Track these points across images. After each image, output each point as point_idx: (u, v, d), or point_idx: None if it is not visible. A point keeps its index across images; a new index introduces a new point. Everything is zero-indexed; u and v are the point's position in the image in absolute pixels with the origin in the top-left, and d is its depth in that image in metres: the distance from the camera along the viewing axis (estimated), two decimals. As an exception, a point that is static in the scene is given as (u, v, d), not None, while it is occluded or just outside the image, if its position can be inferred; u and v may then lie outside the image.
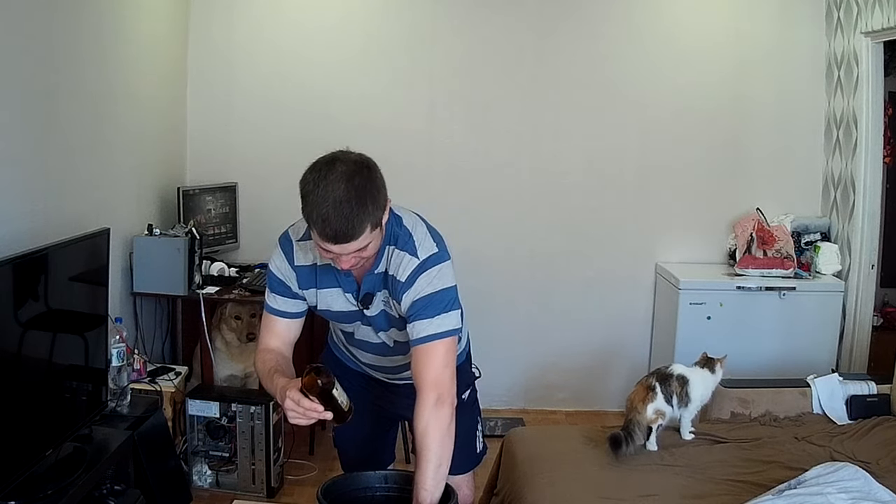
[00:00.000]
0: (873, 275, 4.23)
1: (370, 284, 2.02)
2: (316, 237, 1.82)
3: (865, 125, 4.12)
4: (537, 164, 4.59)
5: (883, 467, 2.77)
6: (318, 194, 1.79)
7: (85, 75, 3.26)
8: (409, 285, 1.96)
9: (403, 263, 1.97)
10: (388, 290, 2.01)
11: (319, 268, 2.02)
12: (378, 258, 1.98)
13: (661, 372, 3.00)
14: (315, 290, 2.05)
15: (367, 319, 2.08)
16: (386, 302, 2.03)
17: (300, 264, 2.03)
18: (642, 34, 4.51)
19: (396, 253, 1.99)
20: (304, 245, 2.02)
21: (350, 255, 1.84)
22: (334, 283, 2.03)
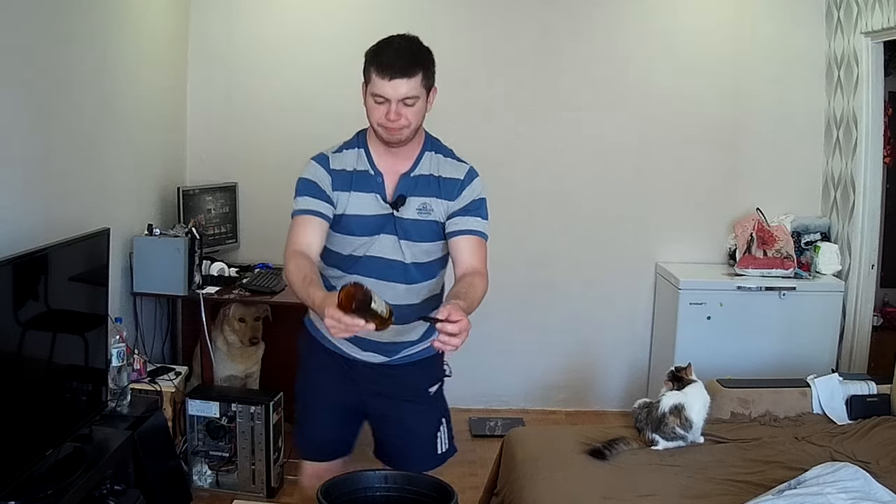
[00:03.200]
0: (873, 275, 4.23)
1: (406, 187, 2.15)
2: (374, 76, 2.01)
3: (865, 125, 4.12)
4: (537, 163, 4.59)
5: (883, 467, 2.77)
6: (383, 40, 2.08)
7: (85, 75, 3.26)
8: (469, 182, 2.20)
9: (454, 166, 2.21)
10: (435, 192, 2.15)
11: (356, 173, 2.14)
12: (417, 160, 2.16)
13: (653, 416, 2.98)
14: (348, 194, 2.13)
15: (395, 224, 2.14)
16: (422, 208, 2.15)
17: (336, 168, 2.15)
18: (642, 34, 4.51)
19: (442, 159, 2.21)
20: (338, 156, 2.17)
21: (399, 104, 2.00)
22: (368, 187, 2.14)
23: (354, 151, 2.17)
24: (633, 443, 2.97)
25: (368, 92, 2.05)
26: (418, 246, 2.17)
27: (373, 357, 2.27)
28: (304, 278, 1.98)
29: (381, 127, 2.06)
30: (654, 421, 2.96)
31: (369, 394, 2.31)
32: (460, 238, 2.17)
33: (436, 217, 2.17)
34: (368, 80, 2.05)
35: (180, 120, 4.45)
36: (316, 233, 2.11)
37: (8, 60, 2.68)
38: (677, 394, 3.00)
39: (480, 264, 2.20)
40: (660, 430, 2.95)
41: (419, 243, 2.17)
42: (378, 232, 2.14)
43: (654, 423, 2.96)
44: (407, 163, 2.17)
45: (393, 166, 2.16)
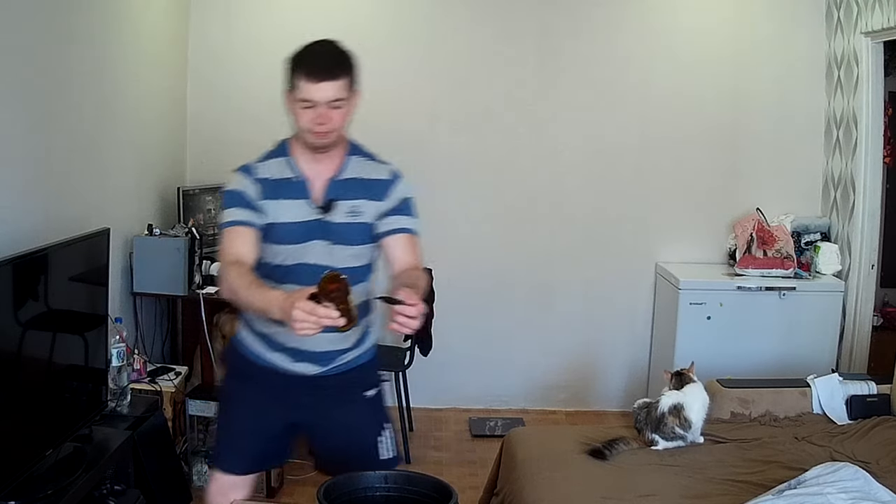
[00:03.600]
0: (873, 275, 4.23)
1: (335, 191, 2.14)
2: (301, 82, 2.02)
3: (865, 125, 4.12)
4: (537, 163, 4.59)
5: (883, 467, 2.77)
6: (307, 44, 2.11)
7: (85, 76, 3.26)
8: (396, 182, 2.19)
9: (378, 168, 2.20)
10: (364, 194, 2.15)
11: (283, 181, 2.13)
12: (343, 164, 2.17)
13: (652, 416, 2.98)
14: (276, 202, 2.11)
15: (325, 228, 2.12)
16: (352, 211, 2.14)
17: (262, 177, 2.13)
18: (642, 34, 4.51)
19: (365, 161, 2.20)
20: (263, 165, 2.16)
21: (326, 108, 2.02)
22: (296, 193, 2.13)
23: (279, 160, 2.16)
24: (633, 443, 2.97)
25: (295, 98, 2.06)
26: (349, 249, 2.16)
27: (307, 368, 2.20)
28: (250, 282, 1.96)
29: (309, 132, 2.07)
30: (654, 421, 2.96)
31: (302, 407, 2.23)
32: (395, 237, 2.16)
33: (366, 219, 2.16)
34: (295, 86, 2.06)
35: (180, 120, 4.45)
36: (248, 243, 2.08)
37: (8, 60, 2.68)
38: (676, 394, 3.00)
39: (418, 261, 2.16)
40: (659, 430, 2.95)
41: (350, 247, 2.16)
42: (308, 238, 2.12)
43: (654, 423, 2.96)
44: (333, 167, 2.16)
45: (319, 171, 2.15)
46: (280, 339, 2.17)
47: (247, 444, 2.26)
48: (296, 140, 2.16)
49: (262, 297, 1.91)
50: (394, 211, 2.17)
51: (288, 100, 2.11)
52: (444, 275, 4.34)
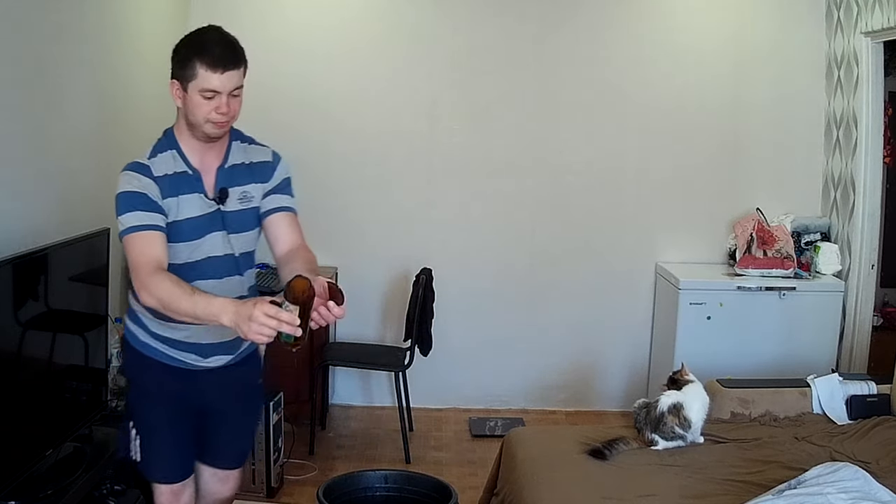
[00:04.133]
0: (873, 275, 4.23)
1: (224, 180, 2.13)
2: (203, 71, 1.95)
3: (865, 125, 4.12)
4: (537, 164, 4.59)
5: (883, 467, 2.77)
6: (198, 33, 2.03)
7: (85, 75, 3.26)
8: (277, 162, 2.21)
9: (260, 150, 2.21)
10: (251, 178, 2.15)
11: (177, 176, 2.07)
12: (227, 152, 2.14)
13: (652, 416, 2.98)
14: (177, 199, 2.06)
15: (221, 218, 2.11)
16: (243, 197, 2.14)
17: (159, 174, 2.05)
18: (642, 34, 4.51)
19: (247, 146, 2.20)
20: (156, 161, 2.07)
21: (228, 96, 1.98)
22: (191, 187, 2.08)
23: (168, 154, 2.10)
24: (633, 443, 2.97)
25: (194, 88, 1.98)
26: (244, 236, 2.17)
27: (217, 360, 2.22)
28: (192, 290, 1.88)
29: (209, 122, 2.02)
30: (654, 421, 2.96)
31: (212, 398, 2.26)
32: (279, 215, 2.17)
33: (255, 203, 2.17)
34: (192, 75, 1.97)
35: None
36: (163, 248, 2.00)
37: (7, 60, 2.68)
38: (676, 393, 3.00)
39: (302, 239, 2.19)
40: (659, 429, 2.95)
41: (244, 233, 2.17)
42: (207, 231, 2.10)
43: (654, 422, 2.96)
44: (219, 156, 2.14)
45: (207, 162, 2.12)
46: (186, 338, 2.16)
47: (178, 451, 2.26)
48: (181, 131, 2.10)
49: (206, 305, 1.83)
50: (276, 190, 2.18)
51: (179, 90, 2.02)
52: (444, 274, 4.34)
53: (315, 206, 4.49)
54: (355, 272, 4.56)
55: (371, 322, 4.65)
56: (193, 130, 2.05)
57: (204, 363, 2.21)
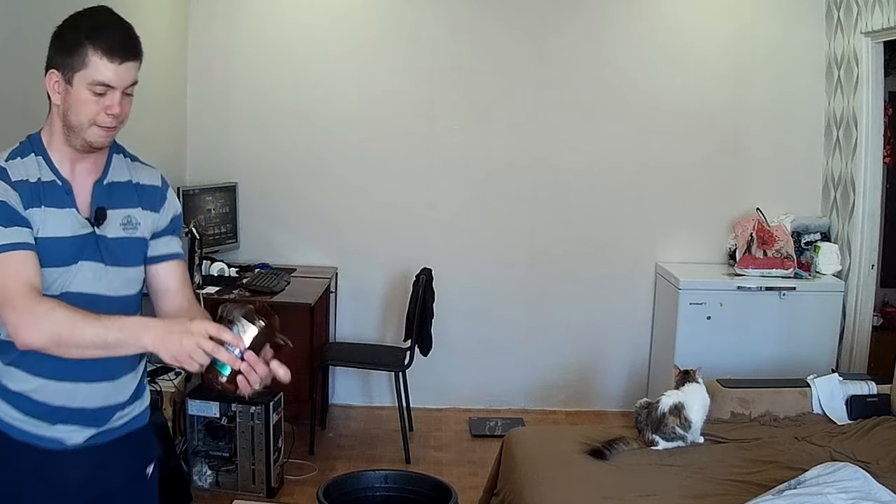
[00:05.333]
0: (873, 275, 4.23)
1: (102, 198, 1.69)
2: (95, 59, 1.56)
3: (865, 125, 4.12)
4: (537, 164, 4.59)
5: (883, 467, 2.77)
6: (89, 14, 1.62)
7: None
8: (167, 191, 1.80)
9: (147, 172, 1.79)
10: (137, 202, 1.73)
11: (42, 184, 1.63)
12: (107, 164, 1.72)
13: (653, 416, 2.98)
14: (41, 210, 1.60)
15: (97, 244, 1.66)
16: (128, 223, 1.71)
17: (18, 179, 1.60)
18: (642, 34, 4.51)
19: (131, 163, 1.77)
20: (15, 164, 1.62)
21: (122, 94, 1.60)
22: (60, 201, 1.64)
23: (31, 159, 1.64)
24: (632, 443, 2.97)
25: (82, 80, 1.57)
26: (127, 273, 1.71)
27: (78, 433, 1.66)
28: (86, 313, 1.50)
29: (95, 126, 1.60)
30: (654, 421, 2.96)
31: (79, 497, 1.70)
32: (172, 263, 1.78)
33: (143, 233, 1.73)
34: (81, 64, 1.56)
35: (180, 120, 4.45)
36: (36, 271, 1.55)
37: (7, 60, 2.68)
38: (677, 393, 3.00)
39: (192, 293, 1.84)
40: (660, 430, 2.95)
41: (127, 268, 1.71)
42: (77, 258, 1.63)
43: (654, 423, 2.96)
44: (95, 168, 1.70)
45: (80, 174, 1.68)
46: (41, 396, 1.63)
47: None
48: (53, 135, 1.66)
49: (122, 323, 1.49)
50: (167, 230, 1.78)
51: (60, 83, 1.60)
52: (444, 274, 4.34)
53: (315, 206, 4.50)
54: (355, 272, 4.57)
55: (371, 322, 4.65)
56: (70, 136, 1.62)
57: (64, 435, 1.66)
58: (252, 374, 1.44)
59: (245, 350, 1.42)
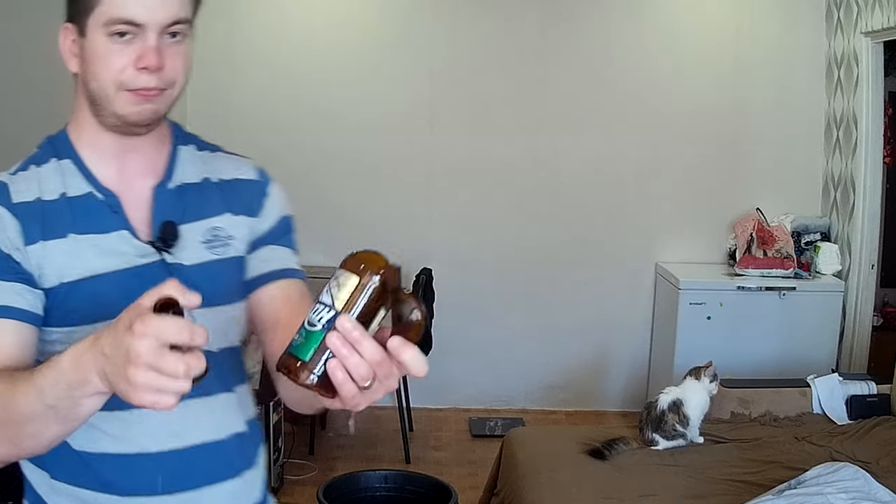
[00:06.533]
0: (873, 275, 4.23)
1: (170, 206, 1.16)
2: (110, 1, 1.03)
3: (865, 125, 4.12)
4: (537, 163, 4.59)
5: (883, 467, 2.77)
6: None
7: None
8: (268, 184, 1.28)
9: (232, 161, 1.29)
10: (223, 205, 1.21)
11: (71, 201, 1.12)
12: (172, 161, 1.21)
13: (653, 415, 2.98)
14: (66, 241, 1.09)
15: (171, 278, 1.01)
16: (214, 238, 1.17)
17: (23, 201, 1.11)
18: (642, 34, 4.51)
19: (208, 154, 1.28)
20: (25, 176, 1.15)
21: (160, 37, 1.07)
22: (103, 221, 1.12)
23: (52, 166, 1.17)
24: (632, 443, 2.97)
25: (96, 23, 1.06)
26: (220, 313, 1.15)
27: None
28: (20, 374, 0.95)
29: (124, 91, 1.08)
30: (654, 420, 2.96)
31: None
32: (284, 284, 1.20)
33: (237, 249, 1.20)
34: (92, 4, 1.06)
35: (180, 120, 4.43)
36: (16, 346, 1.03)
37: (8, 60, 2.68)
38: (675, 390, 3.01)
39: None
40: (660, 429, 2.95)
41: (221, 307, 1.16)
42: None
43: (654, 422, 2.96)
44: (154, 167, 1.19)
45: (130, 177, 1.17)
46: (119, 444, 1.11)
47: None
48: (81, 125, 1.20)
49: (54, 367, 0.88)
50: (271, 237, 1.23)
51: (74, 41, 1.12)
52: (444, 274, 4.34)
53: (314, 206, 4.49)
54: (355, 272, 4.56)
55: (371, 322, 4.64)
56: (100, 113, 1.13)
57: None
58: (352, 358, 0.79)
59: (339, 314, 0.81)
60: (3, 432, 0.94)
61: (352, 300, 0.82)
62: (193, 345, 0.78)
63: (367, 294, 0.82)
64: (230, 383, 1.21)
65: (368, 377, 0.80)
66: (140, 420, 1.09)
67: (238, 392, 1.23)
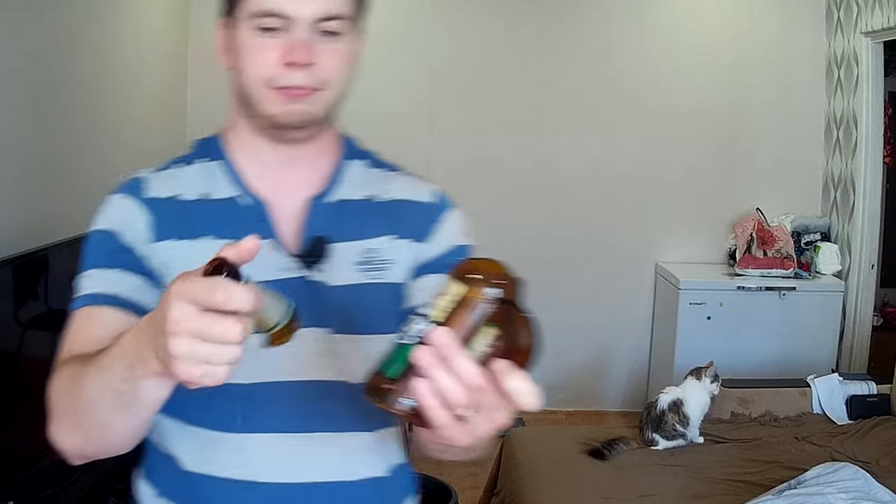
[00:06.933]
0: (873, 275, 4.23)
1: (323, 221, 1.08)
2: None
3: (865, 125, 4.12)
4: (537, 163, 4.59)
5: (883, 467, 2.77)
6: None
7: (85, 75, 3.26)
8: (444, 209, 1.18)
9: (407, 182, 1.19)
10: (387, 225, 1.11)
11: (213, 203, 1.07)
12: (337, 172, 1.13)
13: (653, 415, 2.98)
14: (192, 243, 1.04)
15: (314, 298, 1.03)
16: (368, 260, 1.08)
17: (161, 196, 1.08)
18: (642, 34, 4.51)
19: (380, 172, 1.18)
20: (168, 175, 1.10)
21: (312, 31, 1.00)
22: (246, 226, 1.00)
23: (200, 166, 1.10)
24: (632, 443, 2.97)
25: (245, 15, 1.00)
26: (368, 344, 1.03)
27: None
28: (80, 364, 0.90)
29: (271, 90, 1.01)
30: (654, 420, 2.96)
31: None
32: None
33: (395, 276, 1.10)
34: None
35: (180, 120, 4.45)
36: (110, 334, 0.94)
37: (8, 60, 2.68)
38: (675, 389, 3.01)
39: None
40: (660, 428, 2.95)
41: (369, 337, 1.04)
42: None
43: (654, 421, 2.96)
44: (314, 178, 1.11)
45: (285, 187, 1.09)
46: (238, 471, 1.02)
47: None
48: (236, 127, 1.11)
49: (94, 360, 0.86)
50: (438, 265, 1.11)
51: (224, 36, 1.06)
52: (444, 275, 4.34)
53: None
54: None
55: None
56: (251, 114, 1.06)
57: None
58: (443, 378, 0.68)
59: (437, 327, 0.69)
60: (73, 417, 0.90)
61: (454, 312, 0.69)
62: (229, 308, 0.69)
63: (473, 307, 0.69)
64: (371, 423, 1.08)
65: (463, 403, 0.68)
66: (257, 447, 1.02)
67: (381, 434, 1.12)
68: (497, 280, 0.73)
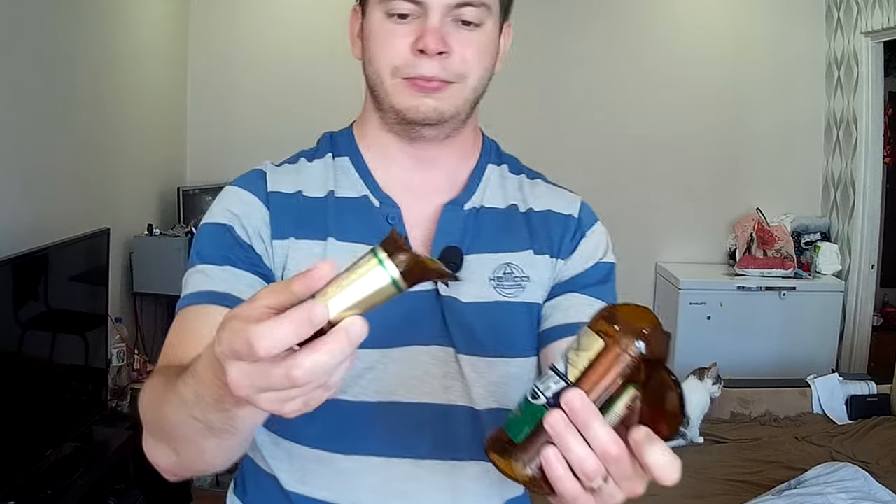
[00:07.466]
0: (873, 275, 4.23)
1: (456, 230, 1.00)
2: None
3: (865, 125, 4.12)
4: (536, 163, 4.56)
5: (883, 467, 2.77)
6: None
7: (85, 75, 3.26)
8: (590, 225, 1.13)
9: (553, 193, 1.15)
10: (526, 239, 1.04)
11: (339, 202, 1.00)
12: (475, 175, 1.07)
13: None
14: (314, 243, 0.97)
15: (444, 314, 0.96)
16: (504, 276, 0.99)
17: (283, 191, 1.01)
18: (642, 34, 4.51)
19: (526, 180, 1.14)
20: (292, 169, 1.05)
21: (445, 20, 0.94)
22: (367, 225, 0.97)
23: (325, 162, 1.05)
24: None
25: (375, 6, 0.95)
26: (500, 367, 0.97)
27: None
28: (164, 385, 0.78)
29: (401, 80, 0.95)
30: None
31: None
32: None
33: (532, 294, 1.02)
34: None
35: (180, 120, 4.45)
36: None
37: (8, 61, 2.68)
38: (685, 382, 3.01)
39: None
40: None
41: (502, 360, 0.97)
42: (399, 339, 0.94)
43: None
44: (451, 183, 1.05)
45: (419, 190, 1.02)
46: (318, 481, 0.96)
47: None
48: (367, 121, 1.06)
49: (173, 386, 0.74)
50: (580, 283, 1.09)
51: (357, 23, 1.01)
52: (444, 275, 4.34)
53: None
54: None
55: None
56: (380, 106, 1.00)
57: None
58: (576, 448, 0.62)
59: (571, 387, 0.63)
60: (161, 436, 0.81)
61: (592, 371, 0.62)
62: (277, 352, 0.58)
63: (616, 365, 0.62)
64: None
65: (597, 475, 0.62)
66: (361, 471, 0.93)
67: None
68: (645, 332, 0.64)
